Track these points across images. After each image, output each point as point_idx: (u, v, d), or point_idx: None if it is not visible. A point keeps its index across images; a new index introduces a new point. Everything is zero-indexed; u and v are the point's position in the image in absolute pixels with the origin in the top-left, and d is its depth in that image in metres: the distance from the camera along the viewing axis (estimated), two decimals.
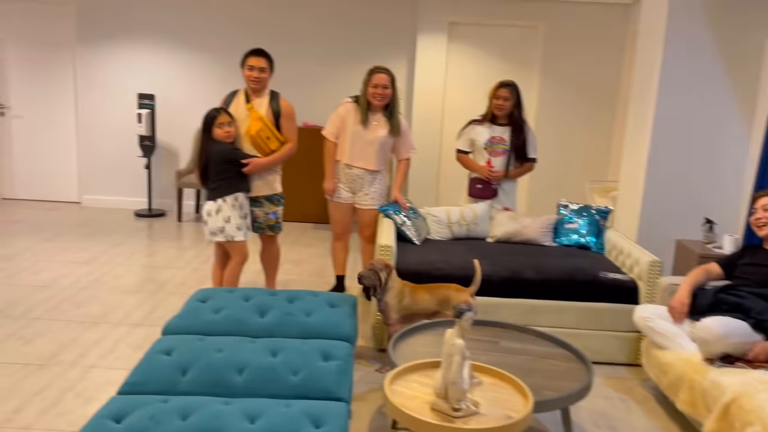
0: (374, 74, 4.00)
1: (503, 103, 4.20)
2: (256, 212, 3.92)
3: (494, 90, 4.23)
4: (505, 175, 4.29)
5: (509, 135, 4.26)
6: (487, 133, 4.28)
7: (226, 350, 2.57)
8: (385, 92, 3.99)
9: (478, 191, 4.34)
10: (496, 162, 4.28)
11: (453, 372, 1.98)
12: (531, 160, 4.35)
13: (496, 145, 4.27)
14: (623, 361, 3.58)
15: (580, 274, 3.60)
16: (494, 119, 4.29)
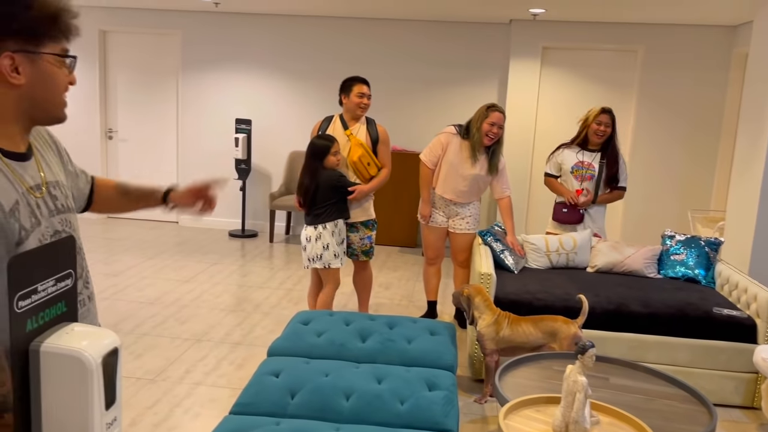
0: (492, 112, 4.01)
1: (605, 129, 4.12)
2: (352, 237, 3.96)
3: (596, 115, 4.14)
4: (593, 202, 4.21)
5: (599, 161, 4.17)
6: (575, 157, 4.22)
7: (332, 374, 2.59)
8: (499, 132, 4.04)
9: (564, 215, 4.27)
10: (582, 187, 4.20)
11: (575, 410, 1.91)
12: (621, 188, 4.25)
13: (584, 170, 4.19)
14: (738, 404, 3.35)
15: (691, 308, 3.42)
16: (584, 144, 4.22)
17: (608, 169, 4.16)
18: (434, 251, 4.31)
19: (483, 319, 3.23)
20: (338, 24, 6.77)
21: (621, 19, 5.89)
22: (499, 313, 3.24)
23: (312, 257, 3.73)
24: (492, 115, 4.00)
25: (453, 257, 4.35)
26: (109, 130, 7.35)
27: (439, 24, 6.63)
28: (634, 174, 6.30)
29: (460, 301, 3.30)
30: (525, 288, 3.63)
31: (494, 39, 6.57)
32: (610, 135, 4.15)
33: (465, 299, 3.27)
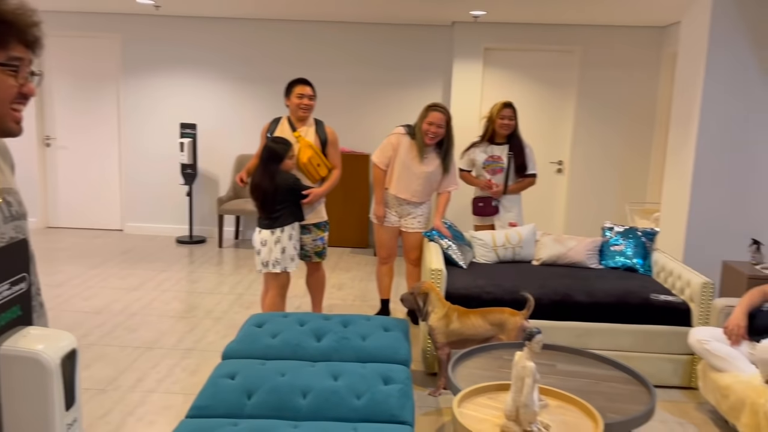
0: (431, 112, 4.06)
1: (509, 122, 4.43)
2: (304, 239, 3.98)
3: (499, 110, 4.43)
4: (504, 191, 4.49)
5: (507, 153, 4.46)
6: (485, 153, 4.52)
7: (288, 374, 2.61)
8: (438, 131, 4.07)
9: (480, 209, 4.56)
10: (494, 180, 4.49)
11: (524, 395, 2.00)
12: (531, 175, 4.54)
13: (494, 164, 4.50)
14: (677, 384, 3.54)
15: (630, 296, 3.59)
16: (492, 139, 4.51)
17: (516, 159, 4.47)
18: (387, 250, 4.37)
19: (435, 313, 3.31)
20: (283, 27, 6.76)
21: (559, 20, 6.10)
22: (449, 306, 3.32)
23: (269, 261, 3.72)
24: (430, 115, 4.05)
25: (405, 256, 4.41)
26: (47, 137, 7.12)
27: (383, 26, 6.71)
28: (576, 169, 6.53)
29: (415, 299, 3.35)
30: (474, 282, 3.73)
31: (438, 41, 6.70)
32: (514, 127, 4.45)
33: (422, 296, 3.33)
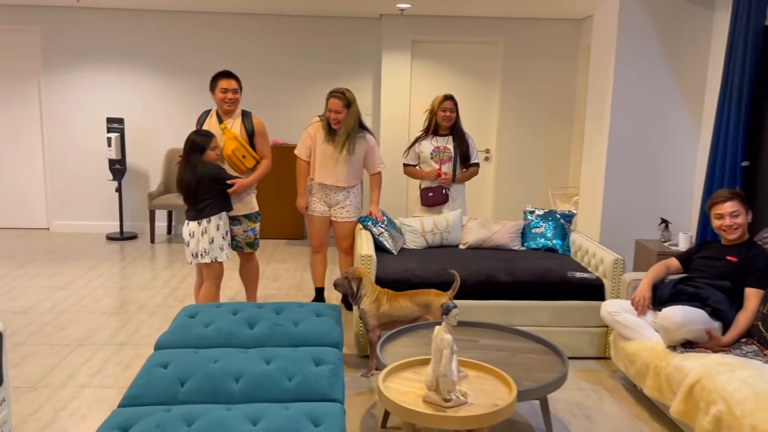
0: (329, 99, 4.16)
1: (450, 115, 4.52)
2: (235, 230, 4.02)
3: (440, 103, 4.52)
4: (453, 181, 4.59)
5: (452, 143, 4.57)
6: (431, 144, 4.59)
7: (221, 360, 2.67)
8: (338, 116, 4.15)
9: (431, 199, 4.60)
10: (444, 169, 4.57)
11: (443, 365, 2.14)
12: (475, 164, 4.66)
13: (442, 154, 4.58)
14: (593, 355, 3.79)
15: (549, 275, 3.81)
16: (435, 131, 4.61)
17: (460, 150, 4.57)
18: (318, 239, 4.45)
19: (366, 297, 3.42)
20: (210, 19, 6.70)
21: (482, 13, 6.31)
22: (379, 290, 3.45)
23: (198, 252, 3.75)
24: (330, 102, 4.16)
25: (337, 245, 4.48)
26: None
27: (312, 19, 6.75)
28: (502, 157, 6.78)
29: (349, 283, 3.44)
30: (404, 267, 3.87)
31: (366, 33, 6.80)
32: (455, 119, 4.56)
33: (356, 281, 3.43)
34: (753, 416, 2.33)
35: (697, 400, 2.64)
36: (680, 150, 4.66)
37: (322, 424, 2.24)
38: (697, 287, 3.09)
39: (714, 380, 2.59)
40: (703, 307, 2.99)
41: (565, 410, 3.16)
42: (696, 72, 4.56)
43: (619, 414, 3.14)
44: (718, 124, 4.15)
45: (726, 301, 3.02)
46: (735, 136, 3.98)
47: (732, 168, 4.00)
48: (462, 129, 4.63)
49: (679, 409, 2.73)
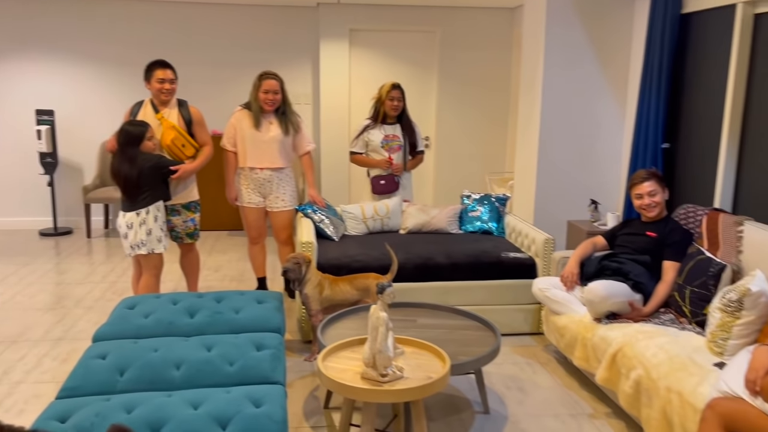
0: (264, 80, 4.09)
1: (398, 104, 4.54)
2: (174, 221, 3.99)
3: (388, 91, 4.53)
4: (404, 169, 4.65)
5: (400, 132, 4.61)
6: (381, 132, 4.60)
7: (161, 349, 2.68)
8: (275, 98, 4.11)
9: (383, 187, 4.61)
10: (395, 157, 4.61)
11: (379, 342, 2.22)
12: (421, 152, 4.73)
13: (392, 142, 4.61)
14: (528, 331, 3.96)
15: (484, 256, 3.95)
16: (384, 120, 4.61)
17: (408, 138, 4.63)
18: (255, 230, 4.39)
19: (309, 282, 3.48)
20: (142, 8, 6.56)
21: (419, 2, 6.40)
22: (321, 276, 3.51)
23: (136, 244, 3.70)
24: (265, 83, 4.08)
25: (275, 236, 4.42)
26: None
27: (249, 8, 6.69)
28: (441, 144, 6.92)
29: (300, 268, 3.47)
30: (345, 253, 3.93)
31: (304, 22, 6.79)
32: (402, 107, 4.59)
33: (305, 265, 3.47)
34: (667, 378, 2.51)
35: (620, 367, 2.82)
36: (607, 134, 4.88)
37: (264, 405, 2.29)
38: (620, 262, 3.28)
39: (634, 348, 2.77)
40: (625, 281, 3.17)
41: (501, 384, 3.30)
42: (620, 59, 4.79)
43: (551, 385, 3.30)
44: (640, 108, 4.38)
45: (646, 274, 3.22)
46: (656, 119, 4.20)
47: (654, 150, 4.23)
48: (409, 117, 4.66)
49: (603, 377, 2.91)
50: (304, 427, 2.85)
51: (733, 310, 2.62)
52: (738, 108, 3.58)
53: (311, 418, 2.93)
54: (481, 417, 2.95)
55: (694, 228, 3.37)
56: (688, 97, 4.10)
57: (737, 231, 3.08)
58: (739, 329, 2.60)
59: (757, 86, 3.47)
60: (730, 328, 2.63)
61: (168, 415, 2.18)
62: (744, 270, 2.98)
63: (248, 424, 2.14)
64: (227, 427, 2.14)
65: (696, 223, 3.38)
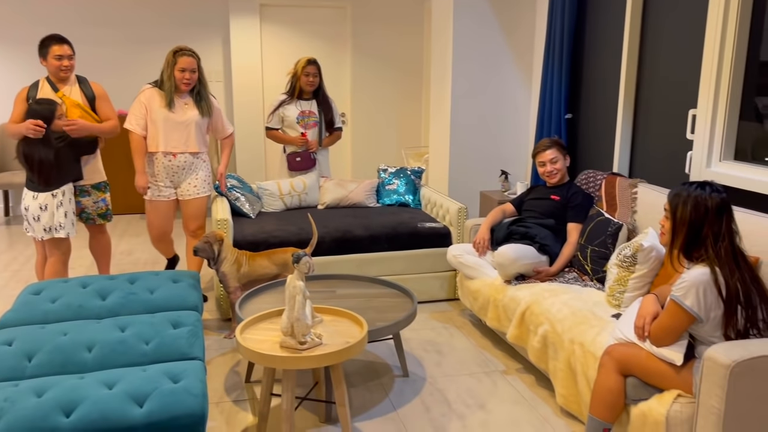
0: (180, 57, 3.72)
1: (314, 80, 4.49)
2: (84, 202, 3.83)
3: (303, 67, 4.47)
4: (320, 145, 4.63)
5: (317, 108, 4.57)
6: (296, 108, 4.54)
7: (71, 333, 2.60)
8: (192, 77, 3.76)
9: (299, 164, 4.57)
10: (310, 134, 4.57)
11: (296, 311, 2.25)
12: (339, 129, 4.71)
13: (308, 119, 4.56)
14: (444, 297, 4.10)
15: (401, 227, 4.04)
16: (300, 95, 4.56)
17: (325, 114, 4.60)
18: (159, 230, 3.97)
19: (226, 260, 3.44)
20: None
21: None
22: (238, 252, 3.49)
23: (53, 227, 3.53)
24: (181, 61, 3.71)
25: (185, 227, 4.03)
26: None
27: None
28: (357, 119, 6.95)
29: (211, 247, 3.43)
30: (262, 229, 3.91)
31: None
32: (319, 83, 4.55)
33: (218, 243, 3.43)
34: (571, 331, 2.68)
35: (528, 324, 2.98)
36: (515, 106, 5.07)
37: (183, 380, 2.27)
38: (527, 227, 3.44)
39: (541, 305, 2.93)
40: (532, 244, 3.34)
41: (419, 348, 3.41)
42: (524, 30, 4.95)
43: (467, 346, 3.45)
44: (543, 79, 4.56)
45: (551, 237, 3.40)
46: (559, 90, 4.40)
47: (558, 120, 4.43)
48: (326, 93, 4.61)
49: (514, 334, 3.06)
50: (226, 402, 2.85)
51: (628, 265, 2.83)
52: (632, 77, 3.81)
53: (232, 393, 2.93)
54: (401, 380, 3.04)
55: (594, 191, 3.59)
56: (588, 69, 4.31)
57: (632, 193, 3.30)
58: (634, 282, 2.81)
59: (648, 55, 3.70)
60: (625, 282, 2.83)
61: (81, 397, 2.13)
62: (638, 228, 3.20)
63: (166, 399, 2.12)
64: (144, 403, 2.12)
65: (596, 187, 3.59)
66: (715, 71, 3.11)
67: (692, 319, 2.10)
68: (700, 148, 3.23)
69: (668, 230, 2.24)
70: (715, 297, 2.09)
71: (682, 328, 2.13)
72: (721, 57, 3.10)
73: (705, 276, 2.09)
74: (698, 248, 2.15)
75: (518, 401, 2.86)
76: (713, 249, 2.12)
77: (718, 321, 2.11)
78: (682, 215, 2.17)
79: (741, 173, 3.03)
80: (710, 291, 2.09)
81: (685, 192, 2.19)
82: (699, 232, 2.14)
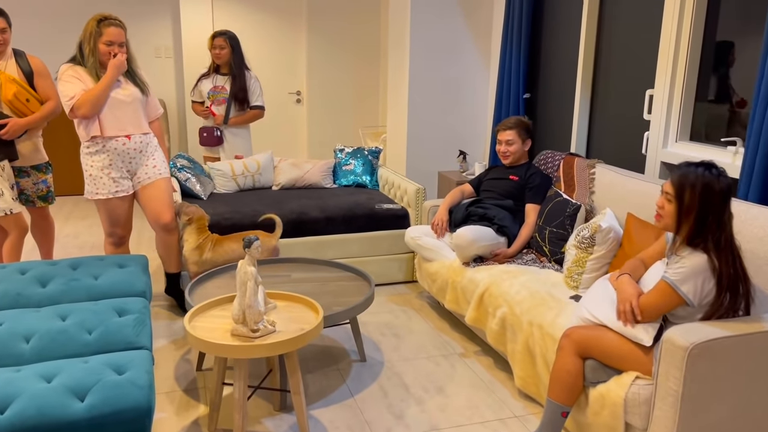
0: (106, 28, 3.15)
1: (219, 52, 4.41)
2: (23, 183, 3.63)
3: (210, 41, 4.43)
4: (225, 122, 4.47)
5: (230, 83, 4.46)
6: (210, 83, 4.50)
7: (7, 322, 2.44)
8: (121, 51, 3.20)
9: (205, 139, 4.54)
10: (217, 110, 4.48)
11: (248, 297, 2.15)
12: (256, 107, 4.54)
13: (218, 94, 4.48)
14: (402, 280, 4.05)
15: (358, 208, 3.95)
16: (218, 70, 4.50)
17: (236, 91, 4.43)
18: (123, 229, 3.41)
19: (188, 243, 3.30)
20: None
21: None
22: (206, 236, 3.34)
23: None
24: (108, 32, 3.14)
25: (154, 221, 3.36)
26: None
27: None
28: (313, 98, 6.80)
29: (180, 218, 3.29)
30: (214, 211, 3.77)
31: None
32: (228, 56, 4.40)
33: (183, 221, 3.29)
34: (530, 313, 2.66)
35: (487, 306, 2.95)
36: (474, 87, 5.01)
37: (127, 371, 2.15)
38: (485, 208, 3.40)
39: (499, 287, 2.90)
40: (490, 226, 3.30)
41: (376, 331, 3.36)
42: (483, 10, 4.89)
43: (425, 329, 3.41)
44: (502, 59, 4.51)
45: (509, 218, 3.37)
46: (517, 70, 4.36)
47: (516, 100, 4.39)
48: (242, 69, 4.43)
49: (472, 317, 3.03)
50: (177, 391, 2.74)
51: (586, 246, 2.81)
52: (589, 57, 3.79)
53: (183, 382, 2.82)
54: (358, 365, 2.98)
55: (552, 172, 3.57)
56: (546, 48, 4.28)
57: (590, 173, 3.29)
58: (592, 263, 2.80)
59: (605, 35, 3.68)
60: (584, 263, 2.82)
61: (16, 391, 2.00)
62: (596, 209, 3.20)
63: (109, 392, 2.01)
64: (86, 397, 1.99)
65: (554, 168, 3.57)
66: (672, 51, 3.11)
67: (682, 303, 2.06)
68: (656, 128, 3.24)
69: (671, 214, 2.11)
70: (711, 286, 2.04)
71: (669, 309, 2.09)
72: (678, 36, 3.09)
73: (705, 264, 2.02)
74: (700, 235, 2.04)
75: (477, 384, 2.83)
76: (714, 237, 2.03)
77: (705, 307, 2.08)
78: (691, 200, 2.04)
79: (696, 153, 3.05)
80: (709, 280, 2.03)
81: (693, 174, 2.05)
82: (705, 219, 2.03)
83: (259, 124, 6.63)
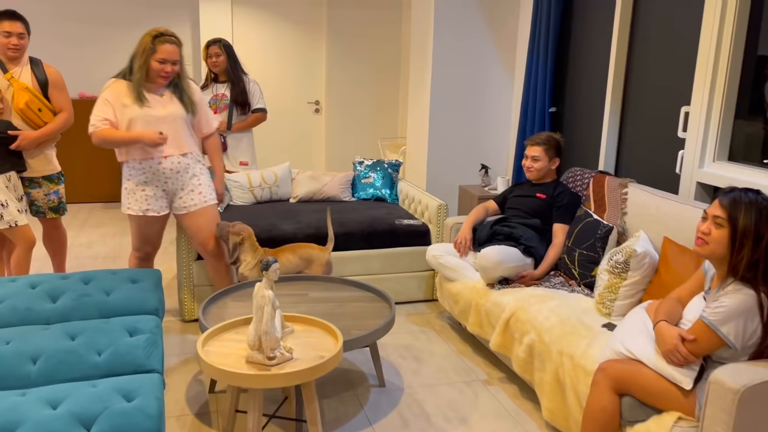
0: (161, 45, 3.02)
1: (216, 60, 4.34)
2: (34, 194, 3.55)
3: (205, 49, 4.36)
4: (228, 129, 4.39)
5: (230, 90, 4.38)
6: (211, 92, 4.41)
7: (14, 341, 2.35)
8: (174, 69, 3.08)
9: None
10: (221, 117, 4.38)
11: (265, 323, 2.04)
12: (258, 110, 4.45)
13: (219, 102, 4.40)
14: (422, 298, 3.92)
15: (378, 223, 3.83)
16: (216, 79, 4.43)
17: (234, 96, 4.35)
18: (152, 246, 3.35)
19: (246, 263, 3.20)
20: None
21: None
22: (261, 252, 3.24)
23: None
24: (161, 50, 3.01)
25: (201, 248, 3.27)
26: None
27: None
28: (332, 108, 6.70)
29: (228, 239, 3.19)
30: None
31: None
32: (225, 64, 4.33)
33: (235, 242, 3.19)
34: (560, 342, 2.51)
35: (513, 332, 2.81)
36: (497, 99, 4.88)
37: (137, 397, 2.05)
38: (511, 227, 3.27)
39: (527, 312, 2.76)
40: (516, 246, 3.17)
41: (396, 354, 3.23)
42: (508, 24, 4.77)
43: (446, 352, 3.27)
44: (528, 72, 4.39)
45: (536, 238, 3.23)
46: (543, 84, 4.23)
47: (542, 114, 4.26)
48: (239, 74, 4.37)
49: (497, 342, 2.89)
50: (187, 416, 2.63)
51: (620, 272, 2.67)
52: (620, 72, 3.65)
53: (195, 405, 2.71)
54: (377, 390, 2.85)
55: (581, 191, 3.43)
56: (574, 62, 4.14)
57: (622, 193, 3.15)
58: (626, 290, 2.65)
59: (637, 50, 3.54)
60: (617, 289, 2.67)
61: (21, 418, 1.89)
62: (628, 231, 3.05)
63: (117, 421, 1.90)
64: (92, 427, 1.89)
65: (583, 186, 3.43)
66: (711, 65, 2.96)
67: (723, 345, 1.91)
68: (692, 147, 3.09)
69: (719, 241, 1.94)
70: (756, 325, 1.88)
71: (708, 352, 1.94)
72: (718, 50, 2.95)
73: (750, 302, 1.86)
74: (753, 267, 1.87)
75: (502, 414, 2.69)
76: (765, 269, 1.87)
77: (752, 348, 1.92)
78: (746, 225, 1.88)
79: (735, 175, 2.90)
80: (752, 319, 1.87)
81: (746, 198, 1.90)
82: (759, 249, 1.88)
83: (277, 135, 6.55)
